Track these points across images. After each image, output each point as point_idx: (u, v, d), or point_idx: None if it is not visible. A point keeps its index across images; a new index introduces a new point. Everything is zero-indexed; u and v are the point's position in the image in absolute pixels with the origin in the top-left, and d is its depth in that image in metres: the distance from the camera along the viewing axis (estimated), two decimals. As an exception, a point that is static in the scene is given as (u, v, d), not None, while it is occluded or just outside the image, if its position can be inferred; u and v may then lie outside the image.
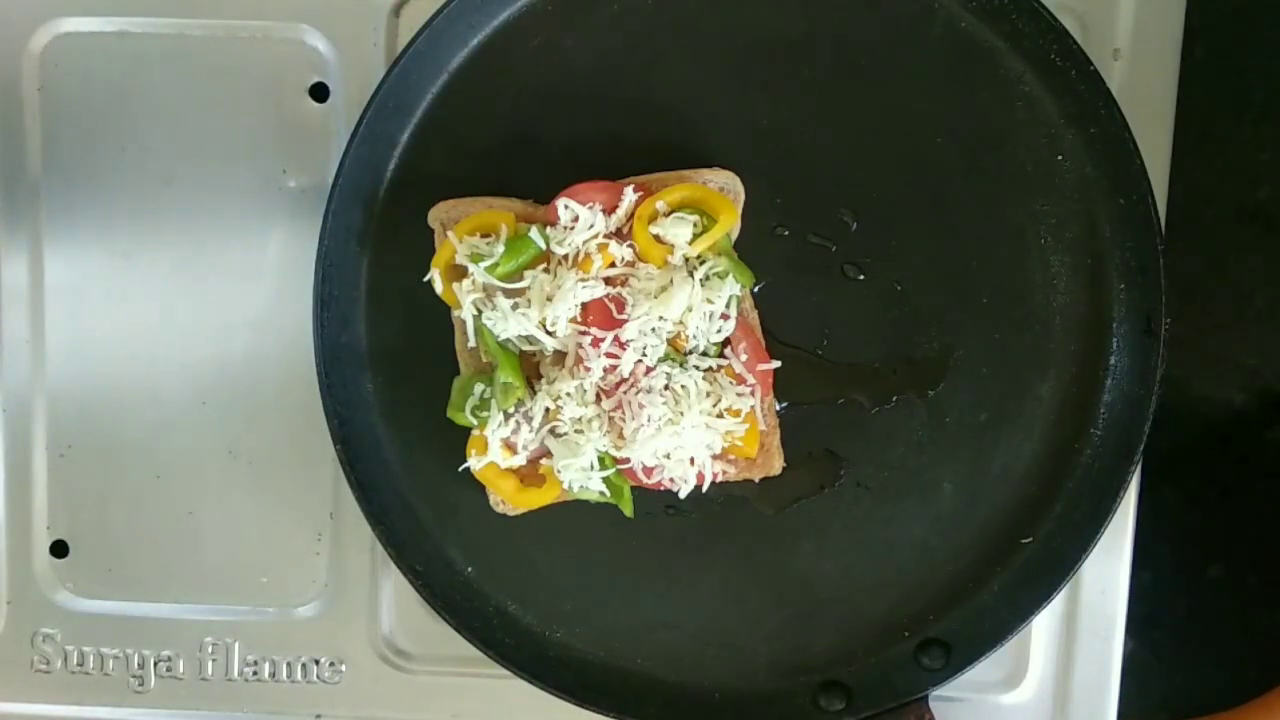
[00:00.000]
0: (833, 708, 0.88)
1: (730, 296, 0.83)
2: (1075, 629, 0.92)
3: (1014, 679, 0.93)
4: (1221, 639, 0.97)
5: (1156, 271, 0.84)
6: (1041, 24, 0.84)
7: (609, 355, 0.81)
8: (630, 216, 0.83)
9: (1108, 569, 0.91)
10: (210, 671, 0.95)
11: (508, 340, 0.83)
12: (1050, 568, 0.86)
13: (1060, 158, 0.87)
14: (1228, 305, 0.95)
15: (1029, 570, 0.88)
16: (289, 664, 0.95)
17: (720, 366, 0.83)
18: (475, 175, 0.87)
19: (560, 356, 0.84)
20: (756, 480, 0.87)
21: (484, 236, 0.84)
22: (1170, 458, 0.93)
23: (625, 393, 0.81)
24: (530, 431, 0.83)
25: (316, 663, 0.95)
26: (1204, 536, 0.97)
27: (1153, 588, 0.95)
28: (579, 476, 0.83)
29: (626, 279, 0.82)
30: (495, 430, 0.83)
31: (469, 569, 0.90)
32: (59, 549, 0.95)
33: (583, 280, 0.81)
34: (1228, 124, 0.94)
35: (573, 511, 0.87)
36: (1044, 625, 0.92)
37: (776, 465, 0.86)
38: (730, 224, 0.83)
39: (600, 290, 0.81)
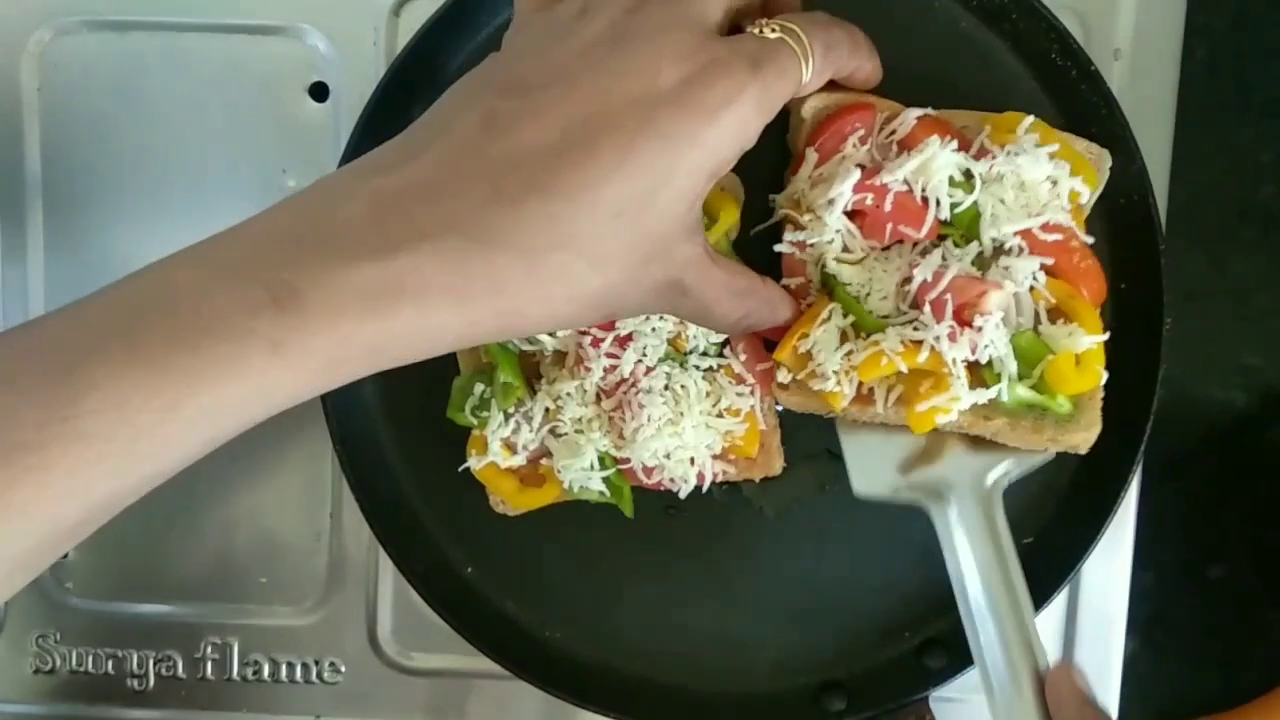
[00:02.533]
0: (833, 708, 0.88)
1: (731, 296, 0.83)
2: (1076, 629, 0.92)
3: (1015, 679, 0.93)
4: (1223, 639, 0.97)
5: (1157, 271, 0.84)
6: (1042, 24, 0.84)
7: (609, 355, 0.81)
8: (630, 216, 0.84)
9: (1108, 569, 0.91)
10: (210, 672, 0.95)
11: (507, 340, 0.83)
12: (1050, 568, 0.86)
13: (1061, 158, 0.87)
14: (1228, 305, 0.95)
15: (1029, 570, 0.87)
16: (289, 664, 0.95)
17: (720, 366, 0.83)
18: (475, 175, 0.87)
19: (560, 356, 0.83)
20: (757, 480, 0.87)
21: (484, 236, 0.84)
22: (1171, 458, 0.93)
23: (625, 393, 0.81)
24: (530, 431, 0.83)
25: (316, 663, 0.95)
26: (1205, 537, 0.97)
27: (1154, 588, 0.95)
28: (579, 476, 0.83)
29: (627, 279, 0.83)
30: (495, 430, 0.83)
31: (469, 569, 0.90)
32: (58, 549, 0.95)
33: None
34: (1228, 124, 0.94)
35: (573, 512, 0.87)
36: (1044, 626, 0.92)
37: (776, 465, 0.86)
38: (731, 222, 0.83)
39: (600, 290, 0.81)
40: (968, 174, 0.78)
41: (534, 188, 0.57)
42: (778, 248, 0.81)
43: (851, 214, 0.79)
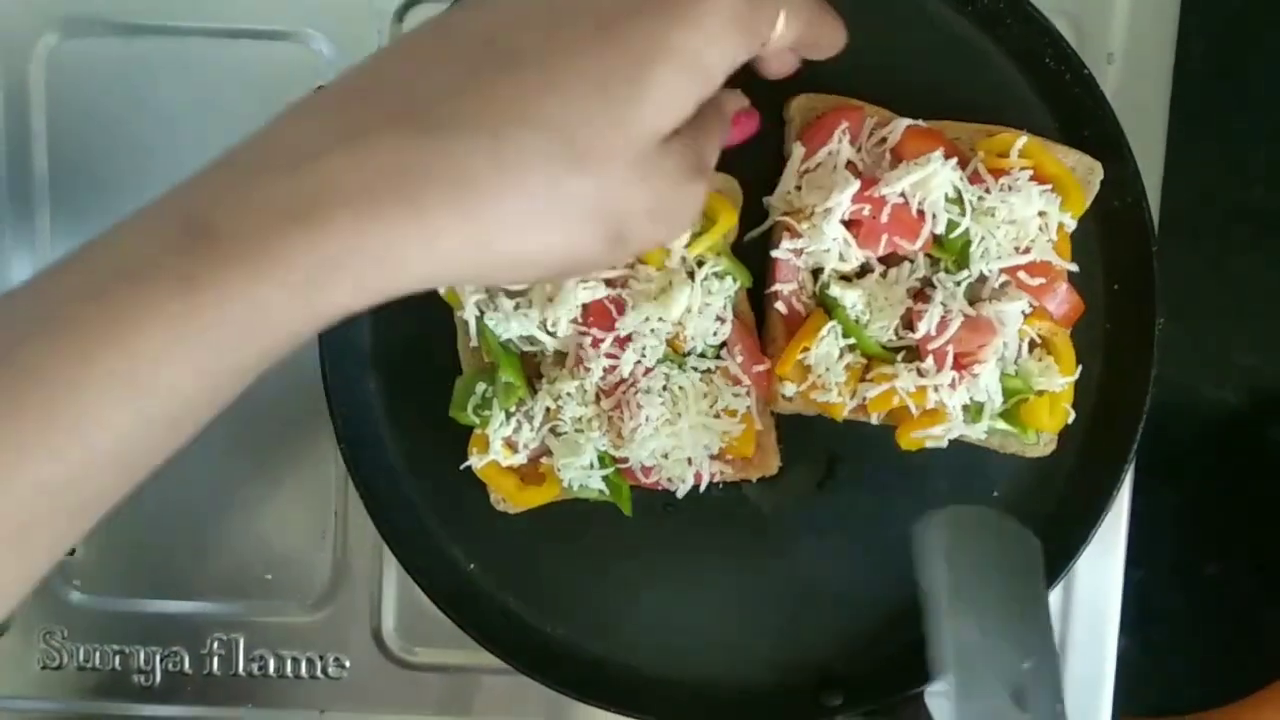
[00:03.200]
0: (831, 703, 0.89)
1: (726, 297, 0.83)
2: (1070, 627, 0.93)
3: (1010, 675, 0.93)
4: (1217, 637, 0.98)
5: (1150, 273, 0.85)
6: (1035, 27, 0.84)
7: (609, 356, 0.82)
8: (630, 218, 0.84)
9: (1102, 567, 0.92)
10: (216, 668, 0.96)
11: (509, 340, 0.84)
12: (1045, 565, 0.87)
13: (1055, 160, 0.88)
14: (1224, 305, 0.96)
15: (1025, 568, 0.89)
16: (294, 660, 0.96)
17: (717, 368, 0.84)
18: (477, 177, 0.88)
19: (561, 357, 0.84)
20: (754, 480, 0.88)
21: (486, 238, 0.84)
22: (1167, 456, 0.94)
23: (624, 393, 0.82)
24: (531, 430, 0.84)
25: (321, 659, 0.95)
26: (1200, 535, 0.97)
27: (1148, 586, 0.95)
28: (579, 475, 0.83)
29: (626, 280, 0.83)
30: (497, 429, 0.83)
31: (471, 566, 0.91)
32: (66, 547, 0.96)
33: (583, 281, 0.82)
34: (1222, 126, 0.95)
35: (575, 510, 0.88)
36: (1039, 622, 0.93)
37: (773, 465, 0.87)
38: (729, 225, 0.84)
39: (601, 291, 0.82)
40: (962, 193, 0.80)
41: (503, 59, 0.48)
42: (774, 253, 0.83)
43: (847, 223, 0.81)
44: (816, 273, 0.83)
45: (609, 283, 0.83)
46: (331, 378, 0.87)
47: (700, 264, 0.83)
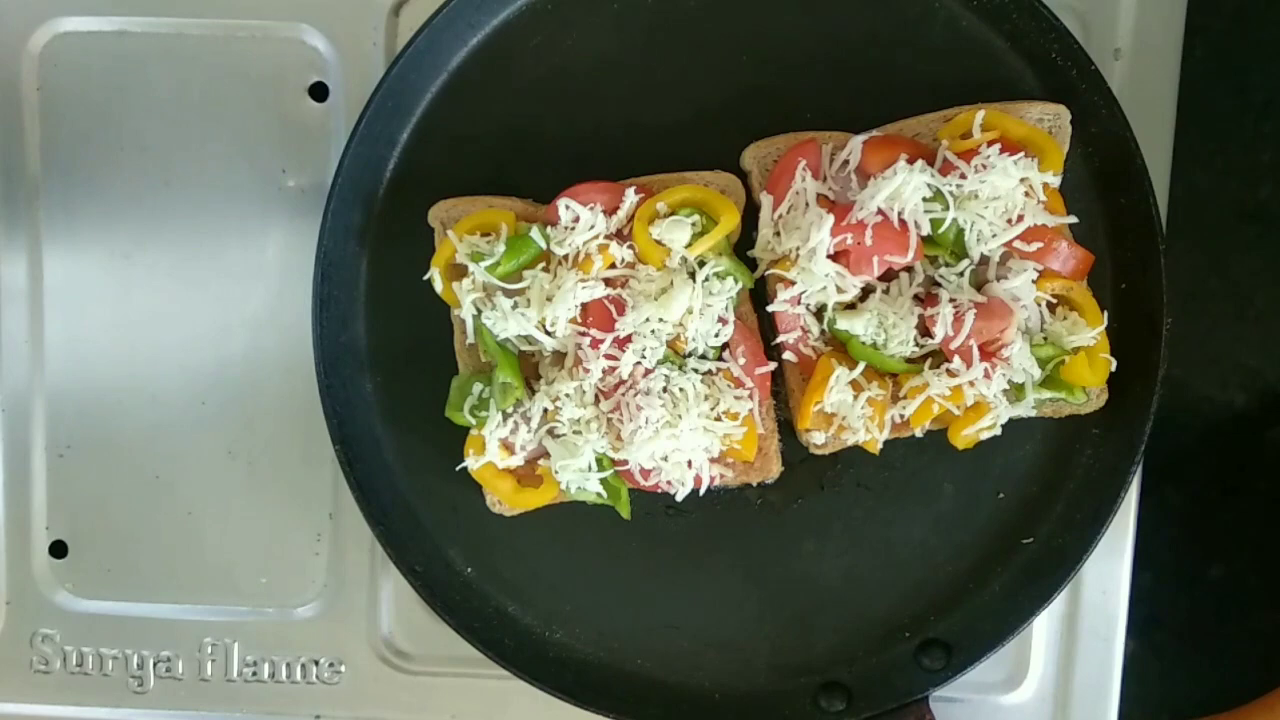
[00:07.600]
0: (833, 708, 0.88)
1: (728, 298, 0.83)
2: (1076, 630, 0.92)
3: (1015, 679, 0.93)
4: (1222, 640, 0.97)
5: (1158, 271, 0.84)
6: (1042, 23, 0.84)
7: (608, 357, 0.81)
8: (631, 218, 0.84)
9: (1109, 569, 0.91)
10: (210, 672, 0.95)
11: (507, 340, 0.83)
12: (1051, 568, 0.86)
13: (1061, 157, 0.88)
14: (1228, 305, 0.95)
15: (1030, 570, 0.88)
16: (288, 664, 0.95)
17: (719, 370, 0.83)
18: (475, 174, 0.87)
19: (559, 357, 0.83)
20: (754, 484, 0.87)
21: (484, 235, 0.84)
22: (1171, 458, 0.93)
23: (624, 394, 0.81)
24: (528, 432, 0.83)
25: (316, 663, 0.95)
26: (1205, 537, 0.97)
27: (1154, 588, 0.95)
28: (576, 478, 0.83)
29: (626, 280, 0.82)
30: (493, 430, 0.83)
31: (468, 569, 0.90)
32: (58, 549, 0.95)
33: (582, 281, 0.81)
34: (1228, 124, 0.94)
35: (574, 513, 0.87)
36: (1045, 626, 0.92)
37: (775, 469, 0.86)
38: (731, 225, 0.83)
39: (600, 291, 0.81)
40: (939, 189, 0.80)
41: None
42: (770, 308, 0.83)
43: (835, 255, 0.81)
44: (821, 311, 0.83)
45: (608, 282, 0.82)
46: (327, 378, 0.86)
47: (701, 264, 0.82)
